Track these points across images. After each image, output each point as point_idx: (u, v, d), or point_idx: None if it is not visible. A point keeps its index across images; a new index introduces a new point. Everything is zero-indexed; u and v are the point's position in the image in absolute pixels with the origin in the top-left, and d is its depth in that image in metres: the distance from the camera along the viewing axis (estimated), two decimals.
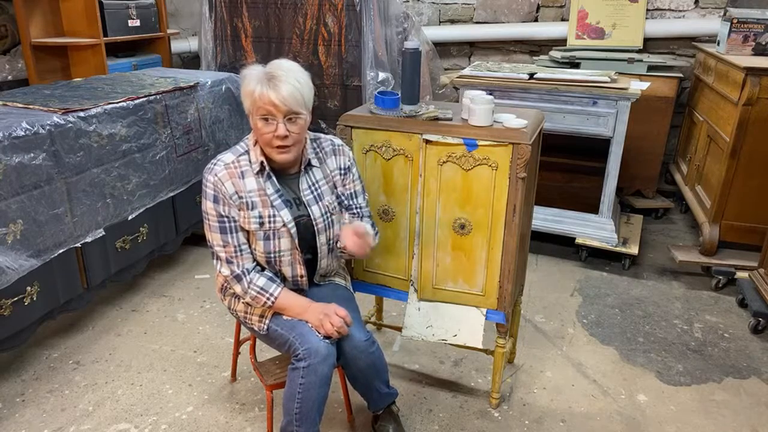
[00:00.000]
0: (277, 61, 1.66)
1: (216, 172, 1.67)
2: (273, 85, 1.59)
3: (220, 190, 1.66)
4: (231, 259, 1.69)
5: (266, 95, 1.58)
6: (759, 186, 2.90)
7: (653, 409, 2.13)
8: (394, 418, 1.94)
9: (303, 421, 1.65)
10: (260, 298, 1.69)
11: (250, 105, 1.64)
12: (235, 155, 1.70)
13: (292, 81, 1.60)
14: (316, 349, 1.61)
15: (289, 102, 1.59)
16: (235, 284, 1.70)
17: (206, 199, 1.68)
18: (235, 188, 1.67)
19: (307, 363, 1.61)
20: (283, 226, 1.69)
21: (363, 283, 2.15)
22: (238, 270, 1.69)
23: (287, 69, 1.63)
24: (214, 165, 1.69)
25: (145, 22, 3.97)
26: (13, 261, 2.03)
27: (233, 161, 1.69)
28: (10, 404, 2.11)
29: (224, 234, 1.68)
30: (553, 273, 3.11)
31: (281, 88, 1.58)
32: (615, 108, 2.91)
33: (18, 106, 2.34)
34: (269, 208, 1.68)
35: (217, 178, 1.66)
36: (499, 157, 1.80)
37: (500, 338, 2.02)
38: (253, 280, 1.69)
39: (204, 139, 3.03)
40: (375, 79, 3.42)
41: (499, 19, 4.25)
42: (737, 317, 2.73)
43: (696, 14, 3.89)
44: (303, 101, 1.63)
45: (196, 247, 3.30)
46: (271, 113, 1.60)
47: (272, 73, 1.61)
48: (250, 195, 1.68)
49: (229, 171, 1.67)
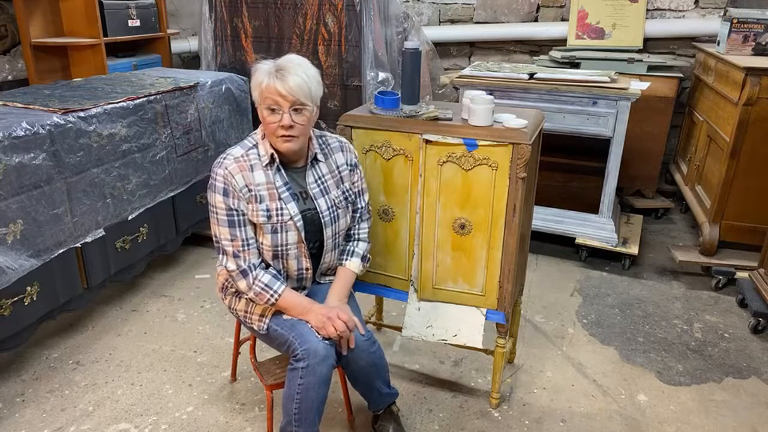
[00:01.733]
0: (287, 56, 1.70)
1: (226, 165, 1.67)
2: (281, 76, 1.62)
3: (230, 183, 1.66)
4: (238, 254, 1.68)
5: (273, 86, 1.62)
6: (759, 186, 2.90)
7: (653, 409, 2.13)
8: (394, 418, 1.94)
9: (302, 422, 1.65)
10: (264, 294, 1.69)
11: (258, 96, 1.67)
12: (244, 149, 1.71)
13: (300, 73, 1.63)
14: (315, 350, 1.61)
15: (295, 92, 1.61)
16: (240, 279, 1.69)
17: (215, 192, 1.68)
18: (245, 181, 1.67)
19: (305, 363, 1.61)
20: (290, 219, 1.69)
21: (363, 283, 2.15)
22: (245, 265, 1.69)
23: (296, 63, 1.66)
24: (224, 159, 1.69)
25: (145, 22, 3.97)
26: (13, 261, 2.03)
27: (242, 155, 1.70)
28: (10, 404, 2.11)
29: (232, 228, 1.68)
30: (553, 273, 3.11)
31: (288, 79, 1.61)
32: (615, 108, 2.91)
33: (18, 106, 2.34)
34: (277, 201, 1.69)
35: (228, 171, 1.66)
36: (499, 157, 1.80)
37: (500, 338, 2.02)
38: (258, 276, 1.69)
39: (204, 139, 3.03)
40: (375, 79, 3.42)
41: (499, 19, 4.25)
42: (737, 317, 2.73)
43: (696, 14, 3.89)
44: (310, 94, 1.65)
45: (196, 247, 3.30)
46: (278, 103, 1.62)
47: (281, 66, 1.64)
48: (258, 188, 1.68)
49: (239, 164, 1.68)
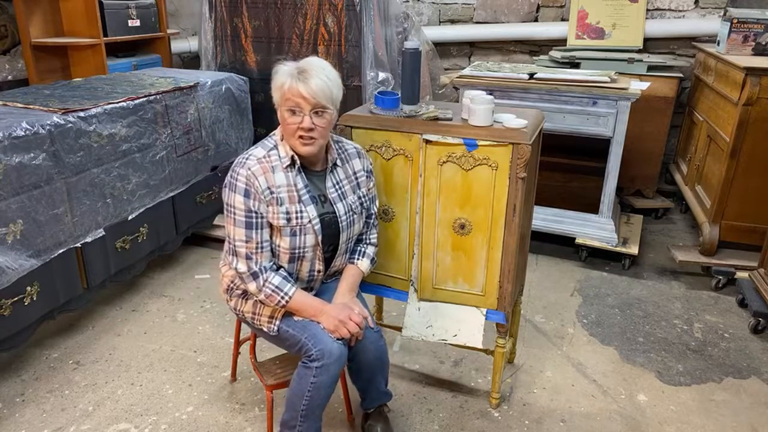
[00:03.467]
0: (308, 58, 1.69)
1: (249, 166, 1.65)
2: (303, 78, 1.61)
3: (252, 184, 1.64)
4: (251, 256, 1.67)
5: (295, 87, 1.61)
6: (759, 186, 2.90)
7: (653, 409, 2.13)
8: (383, 419, 1.95)
9: (308, 417, 1.67)
10: (275, 296, 1.67)
11: (279, 97, 1.66)
12: (266, 150, 1.70)
13: (322, 76, 1.63)
14: (330, 351, 1.62)
15: (317, 95, 1.61)
16: (250, 281, 1.68)
17: (235, 192, 1.65)
18: (268, 183, 1.65)
19: (320, 363, 1.61)
20: (308, 222, 1.69)
21: (363, 283, 2.13)
22: (256, 267, 1.67)
23: (318, 66, 1.66)
24: (246, 159, 1.67)
25: (145, 22, 3.97)
26: (13, 261, 2.03)
27: (264, 156, 1.68)
28: (10, 404, 2.11)
29: (249, 229, 1.65)
30: (553, 273, 3.11)
31: (311, 81, 1.61)
32: (615, 108, 2.91)
33: (18, 106, 2.34)
34: (296, 204, 1.68)
35: (251, 172, 1.64)
36: (499, 157, 1.80)
37: (500, 338, 2.02)
38: (269, 279, 1.67)
39: (204, 139, 3.03)
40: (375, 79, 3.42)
41: (499, 19, 4.25)
42: (737, 317, 2.73)
43: (696, 14, 3.89)
44: (331, 97, 1.65)
45: (196, 247, 3.30)
46: (299, 105, 1.62)
47: (303, 68, 1.64)
48: (279, 190, 1.67)
49: (262, 166, 1.66)
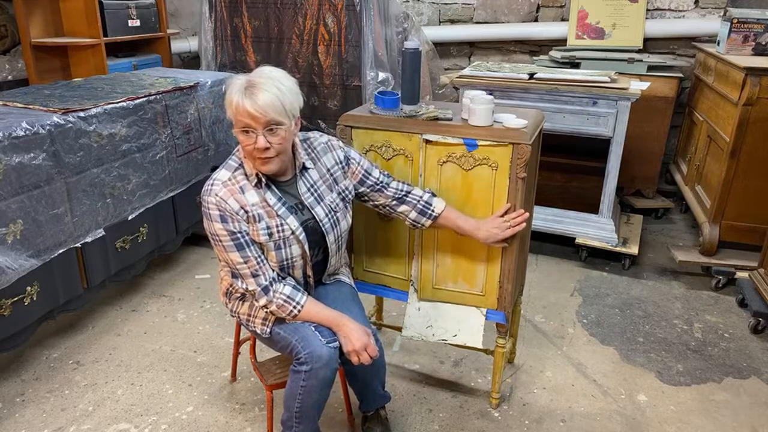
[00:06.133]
0: (260, 69, 1.59)
1: (216, 192, 1.60)
2: (250, 94, 1.51)
3: (224, 208, 1.59)
4: (256, 272, 1.63)
5: (242, 106, 1.51)
6: (759, 186, 2.90)
7: (653, 409, 2.13)
8: (381, 421, 1.95)
9: (303, 419, 1.68)
10: (287, 306, 1.64)
11: (230, 116, 1.58)
12: (230, 171, 1.65)
13: (272, 89, 1.52)
14: (318, 355, 1.60)
15: (266, 111, 1.51)
16: (262, 297, 1.64)
17: (212, 221, 1.60)
18: (239, 204, 1.61)
19: (309, 367, 1.60)
20: (291, 233, 1.66)
21: (363, 283, 2.15)
22: (265, 281, 1.64)
23: (268, 76, 1.55)
24: (212, 186, 1.62)
25: (145, 22, 3.97)
26: (13, 261, 2.03)
27: (229, 178, 1.63)
28: (10, 404, 2.11)
29: (242, 250, 1.62)
30: (553, 273, 3.11)
31: (258, 96, 1.50)
32: (615, 108, 2.91)
33: (18, 106, 2.34)
34: (275, 218, 1.64)
35: (219, 198, 1.60)
36: (499, 157, 1.80)
37: (500, 338, 2.02)
38: (279, 289, 1.65)
39: (204, 139, 3.03)
40: (375, 79, 3.42)
41: (499, 19, 4.25)
42: (737, 317, 2.73)
43: (696, 14, 3.89)
44: (284, 109, 1.54)
45: (196, 247, 3.30)
46: (250, 126, 1.53)
47: (252, 81, 1.53)
48: (254, 208, 1.63)
49: (228, 188, 1.61)
